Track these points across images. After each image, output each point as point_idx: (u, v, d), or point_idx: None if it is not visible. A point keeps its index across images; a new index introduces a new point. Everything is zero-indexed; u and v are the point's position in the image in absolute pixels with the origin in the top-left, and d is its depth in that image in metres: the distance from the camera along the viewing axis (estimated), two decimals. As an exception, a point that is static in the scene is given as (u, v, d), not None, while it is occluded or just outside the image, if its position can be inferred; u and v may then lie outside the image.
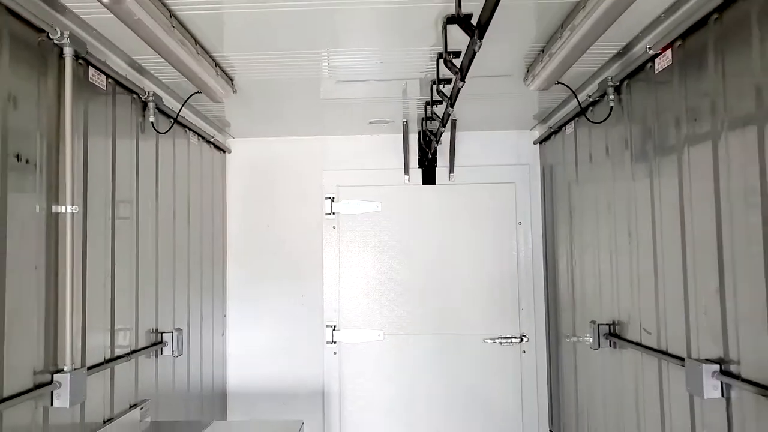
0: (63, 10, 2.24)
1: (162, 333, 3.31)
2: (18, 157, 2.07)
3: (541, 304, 4.42)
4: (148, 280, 3.14)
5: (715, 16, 2.08)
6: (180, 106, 3.41)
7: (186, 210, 3.71)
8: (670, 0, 2.20)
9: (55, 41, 2.27)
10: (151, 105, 3.11)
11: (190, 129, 3.75)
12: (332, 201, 4.49)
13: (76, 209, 2.35)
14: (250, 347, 4.53)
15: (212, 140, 4.16)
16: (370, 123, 4.18)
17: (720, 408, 2.11)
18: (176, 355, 3.37)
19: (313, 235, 4.53)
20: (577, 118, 3.53)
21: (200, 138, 3.98)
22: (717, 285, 2.12)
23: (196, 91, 3.22)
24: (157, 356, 3.26)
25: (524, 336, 4.40)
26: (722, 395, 2.09)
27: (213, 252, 4.25)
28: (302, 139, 4.55)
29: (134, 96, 3.00)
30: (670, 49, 2.40)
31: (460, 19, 1.96)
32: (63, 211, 2.32)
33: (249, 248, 4.55)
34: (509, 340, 4.40)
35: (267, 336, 4.52)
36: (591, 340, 3.25)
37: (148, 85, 3.14)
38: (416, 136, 4.45)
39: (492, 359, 4.41)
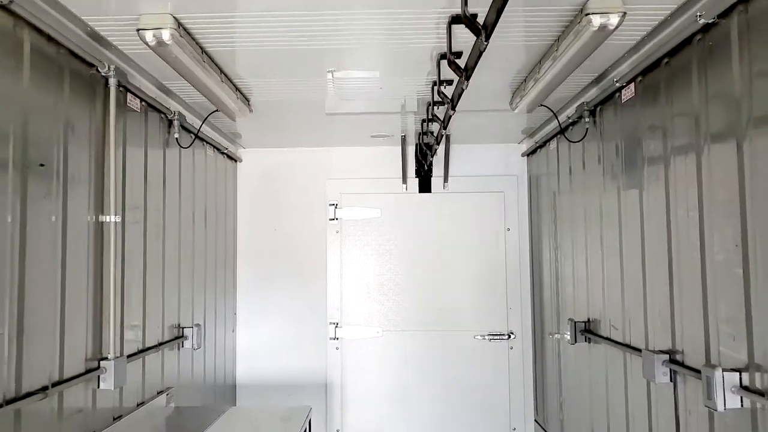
0: (109, 46, 2.60)
1: (183, 328, 3.67)
2: (73, 176, 2.43)
3: (527, 304, 4.79)
4: (171, 280, 3.50)
5: (666, 60, 2.45)
6: (200, 123, 3.77)
7: (203, 216, 4.08)
8: (632, 43, 2.57)
9: (103, 74, 2.63)
10: (176, 123, 3.47)
11: (207, 142, 4.11)
12: (335, 207, 4.86)
13: (118, 219, 2.72)
14: (258, 342, 4.89)
15: (225, 151, 4.52)
16: (371, 136, 4.55)
17: (669, 390, 2.49)
18: (196, 348, 3.73)
19: (317, 239, 4.90)
20: (558, 136, 3.90)
21: (215, 149, 4.34)
22: (668, 289, 2.50)
23: (215, 109, 3.58)
24: (179, 349, 3.62)
25: (512, 333, 4.77)
26: (671, 380, 2.46)
27: (225, 254, 4.61)
28: (308, 149, 4.92)
29: (162, 115, 3.36)
30: (633, 83, 2.77)
31: (451, 56, 2.33)
32: (108, 220, 2.68)
33: (258, 251, 4.91)
34: (498, 337, 4.78)
35: (274, 332, 4.88)
36: (569, 336, 3.63)
37: (174, 105, 3.50)
38: (413, 148, 4.82)
39: (482, 354, 4.78)
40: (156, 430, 3.06)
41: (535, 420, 4.74)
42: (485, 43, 1.79)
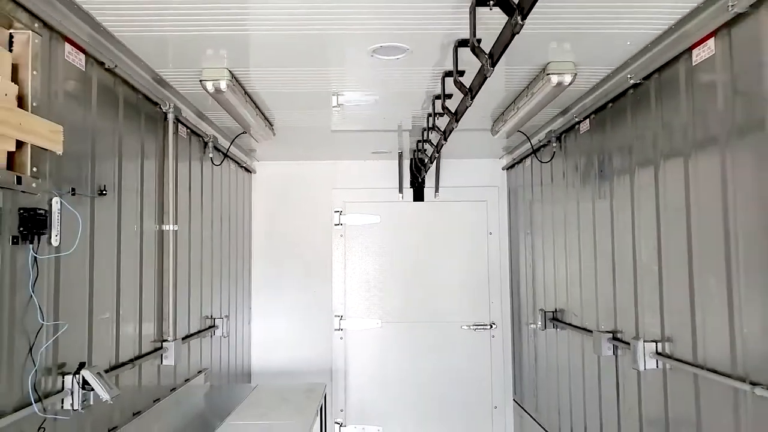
0: (168, 87, 3.25)
1: (215, 319, 4.31)
2: (147, 192, 3.08)
3: (507, 298, 5.49)
4: (206, 278, 4.14)
5: (610, 104, 3.16)
6: (229, 145, 4.42)
7: (228, 222, 4.72)
8: (585, 90, 3.27)
9: (164, 110, 3.28)
10: (210, 145, 4.12)
11: (231, 158, 4.75)
12: (340, 214, 5.53)
13: (176, 227, 3.37)
14: (270, 334, 5.53)
15: (244, 164, 5.17)
16: (372, 152, 5.22)
17: (612, 362, 3.19)
18: (225, 336, 4.38)
19: (323, 242, 5.56)
20: (532, 155, 4.60)
21: (237, 164, 4.99)
22: (611, 283, 3.20)
23: (242, 132, 4.23)
24: (211, 336, 4.26)
25: (493, 323, 5.47)
26: (613, 353, 3.16)
27: (242, 255, 5.25)
28: (316, 163, 5.58)
29: (200, 138, 4.00)
30: (588, 119, 3.47)
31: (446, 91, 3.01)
32: (167, 228, 3.33)
33: (270, 252, 5.56)
34: (481, 327, 5.47)
35: (284, 324, 5.53)
36: (540, 324, 4.33)
37: (208, 129, 4.14)
38: (409, 162, 5.49)
39: (467, 342, 5.48)
40: (199, 403, 3.72)
41: (514, 399, 5.44)
42: (491, 69, 2.30)
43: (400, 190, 5.49)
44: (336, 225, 5.55)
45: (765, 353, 2.00)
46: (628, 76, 2.84)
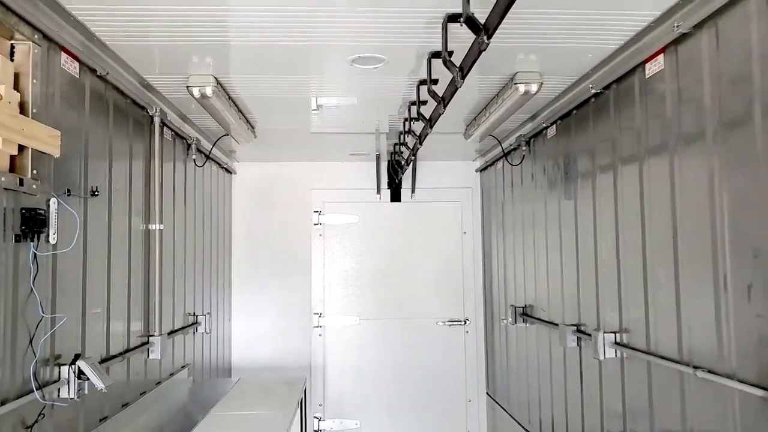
0: (154, 91, 3.37)
1: (197, 315, 4.44)
2: (135, 192, 3.21)
3: (480, 295, 5.70)
4: (189, 275, 4.27)
5: (574, 111, 3.37)
6: (211, 147, 4.54)
7: (209, 221, 4.85)
8: (551, 98, 3.48)
9: (150, 114, 3.41)
10: (193, 147, 4.24)
11: (213, 160, 4.88)
12: (319, 214, 5.69)
13: (162, 227, 3.50)
14: (251, 330, 5.65)
15: (225, 165, 5.29)
16: (350, 154, 5.39)
17: (576, 352, 3.41)
18: (207, 332, 4.51)
19: (303, 241, 5.71)
20: (503, 158, 4.81)
21: (218, 165, 5.11)
22: (575, 279, 3.41)
23: (224, 134, 4.36)
24: (194, 333, 4.39)
25: (467, 319, 5.68)
26: (577, 345, 3.37)
27: (223, 254, 5.37)
28: (295, 164, 5.72)
29: (183, 141, 4.13)
30: (554, 125, 3.69)
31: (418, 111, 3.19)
32: (153, 228, 3.46)
33: (250, 251, 5.69)
34: (456, 323, 5.68)
35: (264, 321, 5.66)
36: (511, 319, 4.54)
37: (191, 131, 4.26)
38: (386, 164, 5.67)
39: (442, 338, 5.68)
40: (182, 397, 3.85)
41: (487, 392, 5.65)
42: (462, 81, 2.51)
43: (378, 191, 5.66)
44: (315, 225, 5.70)
45: (705, 341, 2.22)
46: (590, 85, 3.05)
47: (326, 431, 5.61)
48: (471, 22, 1.97)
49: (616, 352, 2.91)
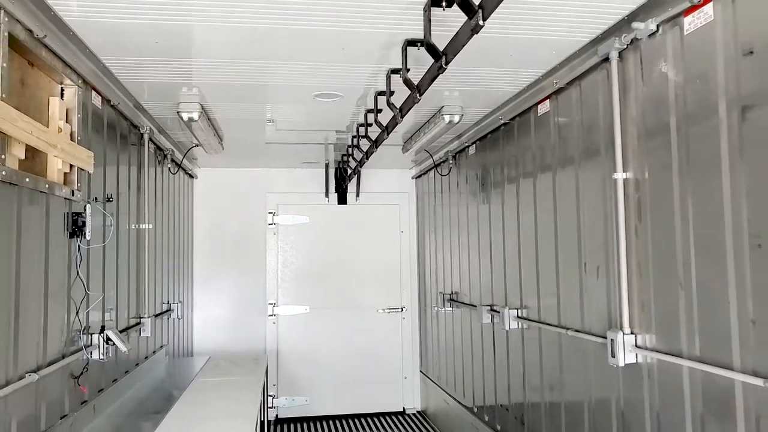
0: (144, 112, 4.03)
1: (171, 303, 5.08)
2: (131, 198, 3.86)
3: (415, 285, 6.57)
4: (165, 268, 4.91)
5: (489, 134, 4.26)
6: (182, 157, 5.19)
7: (177, 221, 5.48)
8: (471, 124, 4.36)
9: (142, 132, 4.06)
10: (169, 157, 4.89)
11: (182, 168, 5.52)
12: (273, 215, 6.40)
13: (151, 226, 4.15)
14: (210, 320, 6.30)
15: (189, 171, 5.93)
16: (303, 162, 6.13)
17: (490, 327, 4.30)
18: (179, 318, 5.16)
19: (258, 239, 6.40)
20: (434, 169, 5.68)
21: (184, 172, 5.75)
22: (489, 269, 4.31)
23: (194, 145, 5.02)
24: (168, 318, 5.03)
25: (404, 307, 6.53)
26: (490, 321, 4.27)
27: (186, 250, 6.00)
28: (252, 170, 6.41)
29: (161, 152, 4.77)
30: (474, 144, 4.57)
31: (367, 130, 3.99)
32: (143, 227, 4.11)
33: (210, 248, 6.33)
34: (394, 310, 6.52)
35: (223, 311, 6.32)
36: (441, 304, 5.41)
37: (167, 143, 4.90)
38: (334, 171, 6.44)
39: (382, 323, 6.50)
40: (163, 371, 4.50)
41: (420, 370, 6.52)
42: (401, 119, 3.32)
43: (327, 195, 6.43)
44: (270, 224, 6.41)
45: (572, 309, 3.13)
46: (500, 117, 3.95)
47: (279, 407, 6.33)
48: (408, 82, 2.79)
49: (518, 324, 3.80)
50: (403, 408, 6.53)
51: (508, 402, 4.05)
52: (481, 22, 1.88)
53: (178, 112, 3.77)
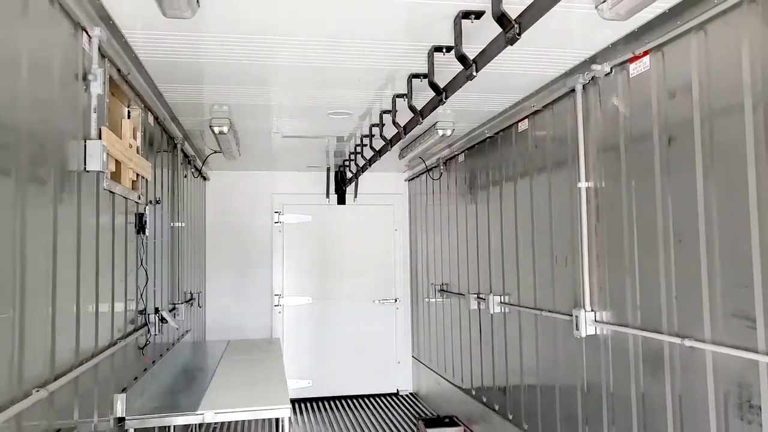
0: (178, 124, 4.62)
1: (192, 293, 5.68)
2: (168, 199, 4.47)
3: (408, 278, 7.23)
4: (189, 262, 5.50)
5: (477, 145, 4.92)
6: (201, 164, 5.79)
7: (195, 220, 6.08)
8: (462, 135, 5.02)
9: (176, 142, 4.66)
10: (192, 163, 5.48)
11: (199, 172, 6.11)
12: (279, 214, 7.01)
13: (183, 224, 4.75)
14: (222, 310, 6.89)
15: (203, 174, 6.52)
16: (307, 166, 6.75)
17: (477, 313, 4.97)
18: (200, 307, 5.76)
19: (265, 237, 7.01)
20: (426, 173, 6.33)
21: (200, 175, 6.34)
22: (476, 263, 4.97)
23: (213, 152, 5.62)
24: (191, 306, 5.62)
25: (397, 298, 7.19)
26: (477, 307, 4.93)
27: (201, 246, 6.59)
28: (260, 172, 7.01)
29: (186, 158, 5.36)
30: (463, 153, 5.23)
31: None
32: (177, 225, 4.71)
33: (221, 245, 6.92)
34: (388, 301, 7.17)
35: (233, 302, 6.92)
36: (432, 294, 6.07)
37: (190, 150, 5.49)
38: (334, 174, 7.06)
39: (378, 313, 7.15)
40: (192, 352, 5.11)
41: (413, 355, 7.17)
42: (404, 135, 4.00)
43: (327, 196, 7.06)
44: (275, 223, 7.02)
45: (545, 293, 3.80)
46: (486, 131, 4.61)
47: (285, 390, 6.95)
48: (413, 108, 3.43)
49: (501, 308, 4.47)
50: (397, 390, 7.19)
51: (493, 375, 4.72)
52: (474, 73, 2.53)
53: (210, 126, 4.38)
